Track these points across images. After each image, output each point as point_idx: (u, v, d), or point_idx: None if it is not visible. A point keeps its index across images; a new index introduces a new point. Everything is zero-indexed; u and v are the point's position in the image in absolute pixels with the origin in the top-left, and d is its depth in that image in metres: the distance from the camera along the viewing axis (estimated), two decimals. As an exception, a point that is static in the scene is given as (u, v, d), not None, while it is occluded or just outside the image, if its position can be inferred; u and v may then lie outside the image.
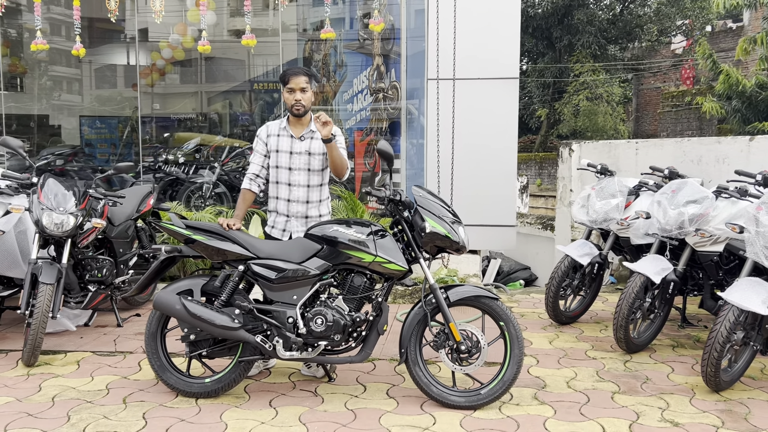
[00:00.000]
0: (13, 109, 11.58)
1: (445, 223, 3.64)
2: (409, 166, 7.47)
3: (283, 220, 4.05)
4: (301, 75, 3.86)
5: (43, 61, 11.29)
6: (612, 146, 7.93)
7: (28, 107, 11.58)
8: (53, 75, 11.81)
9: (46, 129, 11.60)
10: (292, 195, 4.00)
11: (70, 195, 4.51)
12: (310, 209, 4.03)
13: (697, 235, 4.38)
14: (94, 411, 3.60)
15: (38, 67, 11.31)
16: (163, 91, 11.94)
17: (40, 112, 11.72)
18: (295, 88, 3.87)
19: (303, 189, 4.00)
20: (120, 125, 11.36)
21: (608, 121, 26.05)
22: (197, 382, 3.79)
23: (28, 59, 10.95)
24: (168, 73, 11.52)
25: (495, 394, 3.62)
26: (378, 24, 6.63)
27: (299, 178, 3.98)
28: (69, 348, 4.69)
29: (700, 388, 3.95)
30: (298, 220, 4.02)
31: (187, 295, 3.72)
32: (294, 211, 4.01)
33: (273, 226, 4.09)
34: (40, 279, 4.25)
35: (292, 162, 3.98)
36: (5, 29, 10.46)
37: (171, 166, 9.15)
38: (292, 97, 3.88)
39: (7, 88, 11.61)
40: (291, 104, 3.89)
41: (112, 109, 11.78)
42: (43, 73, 11.51)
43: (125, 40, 11.76)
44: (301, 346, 3.64)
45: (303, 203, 4.01)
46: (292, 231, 4.02)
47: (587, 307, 5.46)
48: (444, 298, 3.64)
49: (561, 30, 27.03)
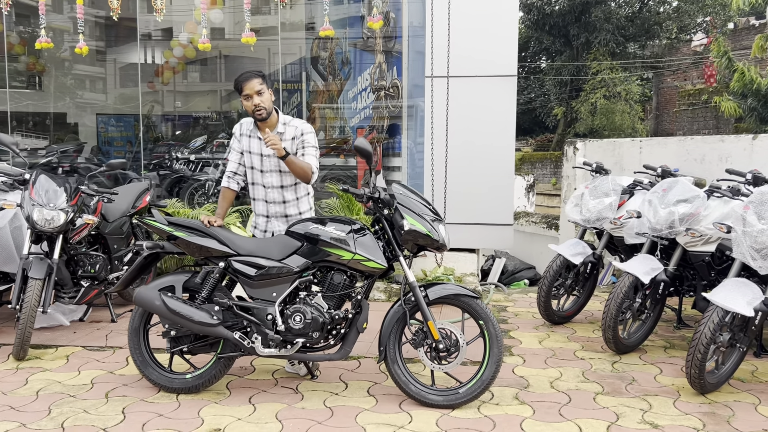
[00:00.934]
0: (30, 107, 11.77)
1: (424, 221, 3.62)
2: (410, 164, 7.46)
3: (264, 221, 4.06)
4: (253, 79, 3.77)
5: (66, 59, 11.44)
6: (616, 145, 7.85)
7: (46, 105, 11.74)
8: (71, 73, 11.94)
9: (63, 127, 11.74)
10: (268, 196, 3.99)
11: (61, 191, 4.56)
12: (288, 208, 4.02)
13: (688, 235, 4.32)
14: (76, 405, 3.64)
15: (56, 66, 11.44)
16: (184, 89, 12.06)
17: (57, 110, 11.86)
18: (251, 94, 3.77)
19: (277, 190, 3.98)
20: (135, 123, 11.48)
21: (626, 120, 25.85)
22: (178, 378, 3.81)
23: (47, 58, 11.09)
24: (181, 71, 11.63)
25: (473, 394, 3.59)
26: (377, 21, 6.61)
27: (272, 179, 3.96)
28: (61, 342, 4.75)
29: (685, 390, 3.89)
30: (278, 220, 4.02)
31: (169, 291, 3.75)
32: (273, 211, 4.01)
33: (255, 226, 4.11)
34: (29, 274, 4.31)
35: (264, 165, 3.95)
36: (23, 28, 10.61)
37: (176, 164, 9.23)
38: (251, 103, 3.78)
39: (27, 86, 11.80)
40: (252, 110, 3.80)
41: (128, 107, 11.90)
42: (60, 71, 11.65)
43: (142, 38, 11.88)
44: (279, 344, 3.64)
45: (280, 203, 4.00)
46: (274, 230, 4.02)
47: (581, 307, 5.41)
48: (423, 296, 3.62)
49: (578, 27, 26.85)
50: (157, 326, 3.87)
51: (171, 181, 9.08)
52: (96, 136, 11.21)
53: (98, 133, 11.33)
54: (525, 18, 28.78)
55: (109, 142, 11.21)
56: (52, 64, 11.30)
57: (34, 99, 11.73)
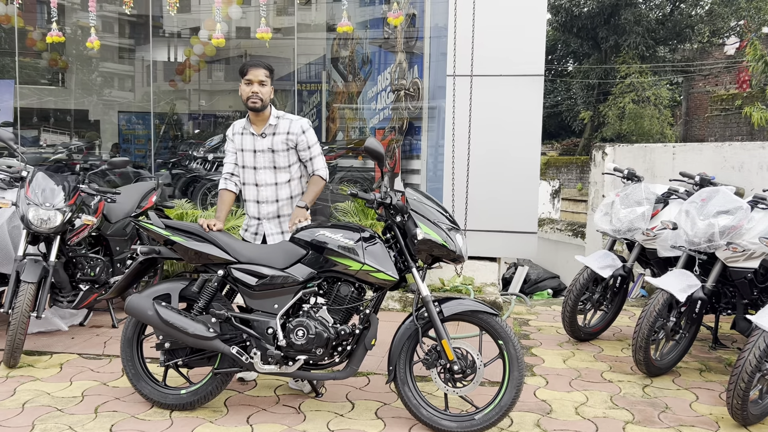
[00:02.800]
0: (51, 103, 11.68)
1: (440, 230, 3.31)
2: (431, 167, 7.14)
3: (255, 224, 3.86)
4: (261, 68, 3.65)
5: (94, 57, 11.33)
6: (647, 150, 7.47)
7: (68, 102, 11.65)
8: (94, 70, 11.84)
9: (84, 123, 11.64)
10: (260, 196, 3.80)
11: (59, 190, 4.33)
12: (281, 208, 3.82)
13: (729, 250, 3.94)
14: (61, 420, 3.39)
15: (79, 63, 11.33)
16: (209, 87, 11.91)
17: (79, 106, 11.77)
18: (254, 80, 3.65)
19: (271, 188, 3.79)
20: (157, 121, 11.34)
21: (654, 125, 25.24)
22: (173, 394, 3.55)
23: (69, 54, 10.99)
24: (202, 69, 11.47)
25: (490, 420, 3.27)
26: (397, 17, 6.32)
27: (265, 177, 3.78)
28: (57, 349, 4.52)
29: (725, 421, 3.53)
30: (270, 222, 3.83)
31: (165, 300, 3.49)
32: (264, 212, 3.82)
33: (246, 229, 3.92)
34: (22, 277, 4.08)
35: (257, 161, 3.77)
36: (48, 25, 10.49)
37: (191, 163, 9.03)
38: (249, 89, 3.64)
39: (51, 83, 11.74)
40: (247, 96, 3.65)
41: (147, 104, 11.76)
42: (83, 68, 11.54)
43: (166, 36, 11.76)
44: (280, 360, 3.36)
45: (273, 203, 3.81)
46: (266, 232, 3.82)
47: (609, 323, 5.05)
48: (437, 312, 3.31)
49: (607, 30, 26.29)
50: (152, 337, 3.61)
51: (185, 180, 8.87)
52: (117, 133, 11.07)
53: (119, 131, 11.20)
54: (553, 20, 28.27)
55: (128, 139, 11.07)
56: (77, 60, 11.18)
57: (57, 95, 11.65)
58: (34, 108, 11.34)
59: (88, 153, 9.21)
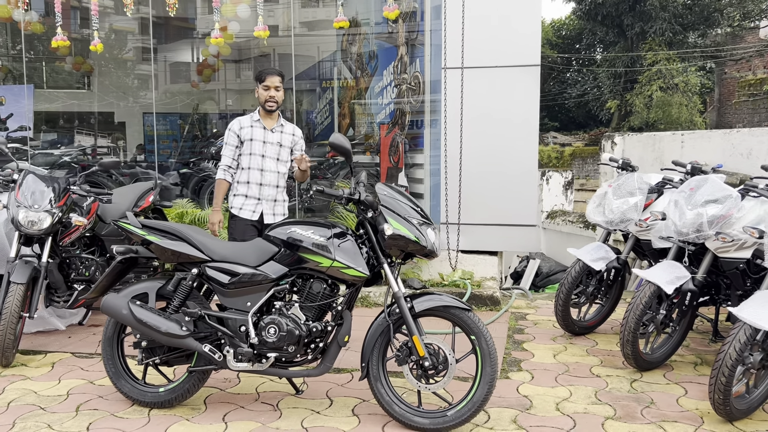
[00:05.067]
0: (75, 106, 11.92)
1: (411, 225, 3.28)
2: (433, 161, 7.08)
3: (254, 203, 4.28)
4: (276, 75, 4.24)
5: (121, 59, 11.52)
6: (656, 139, 7.31)
7: (92, 105, 11.86)
8: (119, 73, 12.02)
9: (110, 125, 11.83)
10: (264, 179, 4.27)
11: (48, 192, 4.39)
12: (278, 193, 4.34)
13: (718, 240, 3.83)
14: (42, 419, 3.45)
15: (103, 66, 11.52)
16: (237, 87, 12.01)
17: (103, 108, 11.96)
18: (271, 86, 4.24)
19: (274, 175, 4.30)
20: (181, 121, 11.49)
21: (683, 113, 24.71)
22: (151, 391, 3.58)
23: (94, 57, 11.16)
24: (220, 69, 11.55)
25: (463, 417, 3.23)
26: (392, 11, 6.27)
27: (270, 165, 4.29)
28: (52, 348, 4.60)
29: (711, 416, 3.44)
30: (267, 203, 4.30)
31: (142, 299, 3.52)
32: (266, 194, 4.29)
33: (241, 207, 4.28)
34: (11, 278, 4.16)
35: (265, 150, 4.28)
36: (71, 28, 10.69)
37: (202, 162, 9.11)
38: (267, 93, 4.24)
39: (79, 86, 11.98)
40: (265, 99, 4.24)
41: (174, 105, 11.92)
42: (107, 71, 11.73)
43: (191, 37, 11.89)
44: (252, 357, 3.36)
45: (273, 187, 4.31)
46: (263, 210, 4.28)
47: (606, 317, 4.95)
48: (409, 308, 3.28)
49: (632, 17, 25.79)
50: (132, 335, 3.65)
51: (197, 179, 8.96)
52: (143, 134, 11.22)
53: (144, 131, 11.34)
54: (577, 8, 27.88)
55: (153, 139, 11.21)
56: (103, 63, 11.35)
57: (82, 98, 11.88)
58: (60, 111, 11.59)
59: (97, 154, 9.34)
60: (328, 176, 8.66)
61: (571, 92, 33.72)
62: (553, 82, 34.85)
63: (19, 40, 10.30)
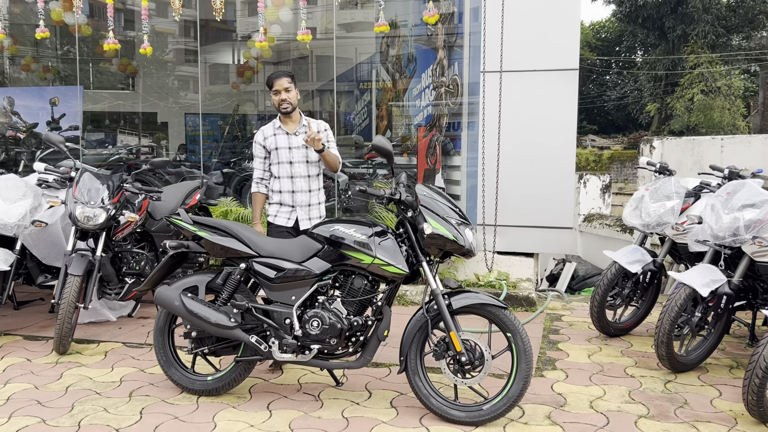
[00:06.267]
0: (120, 107, 12.31)
1: (449, 224, 3.40)
2: (470, 163, 7.18)
3: (288, 210, 4.24)
4: (283, 77, 4.16)
5: (163, 61, 11.85)
6: (696, 143, 7.29)
7: (136, 105, 12.23)
8: (161, 74, 12.36)
9: (153, 125, 12.17)
10: (295, 186, 4.22)
11: (103, 189, 4.63)
12: (312, 197, 4.27)
13: (755, 244, 3.86)
14: (98, 403, 3.66)
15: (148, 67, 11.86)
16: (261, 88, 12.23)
17: (147, 109, 12.32)
18: (280, 89, 4.16)
19: (304, 179, 4.23)
20: (221, 122, 11.78)
21: (725, 117, 24.28)
22: (199, 380, 3.77)
23: (138, 59, 11.51)
24: (260, 71, 11.80)
25: (498, 411, 3.34)
26: (432, 16, 6.38)
27: (300, 169, 4.22)
28: (104, 338, 4.83)
29: (744, 417, 3.48)
30: (302, 209, 4.24)
31: (192, 292, 3.71)
32: (299, 201, 4.23)
33: (276, 215, 4.26)
34: (69, 271, 4.40)
35: (292, 156, 4.21)
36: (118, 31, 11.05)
37: (243, 162, 9.35)
38: (278, 98, 4.17)
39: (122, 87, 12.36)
40: (278, 104, 4.18)
41: (216, 107, 12.20)
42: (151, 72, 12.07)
43: (230, 39, 12.18)
44: (296, 349, 3.52)
45: (306, 192, 4.24)
46: (298, 217, 4.23)
47: (641, 319, 4.99)
48: (447, 305, 3.41)
49: (674, 19, 25.43)
50: (181, 326, 3.84)
51: (239, 179, 9.21)
52: (184, 134, 11.54)
53: (186, 131, 11.66)
54: (617, 11, 27.59)
55: (194, 139, 11.51)
56: (145, 64, 11.69)
57: (126, 99, 12.25)
58: (106, 111, 11.98)
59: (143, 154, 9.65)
60: (366, 178, 8.81)
61: (610, 95, 33.38)
62: (592, 85, 34.53)
63: (64, 42, 10.70)
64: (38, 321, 5.24)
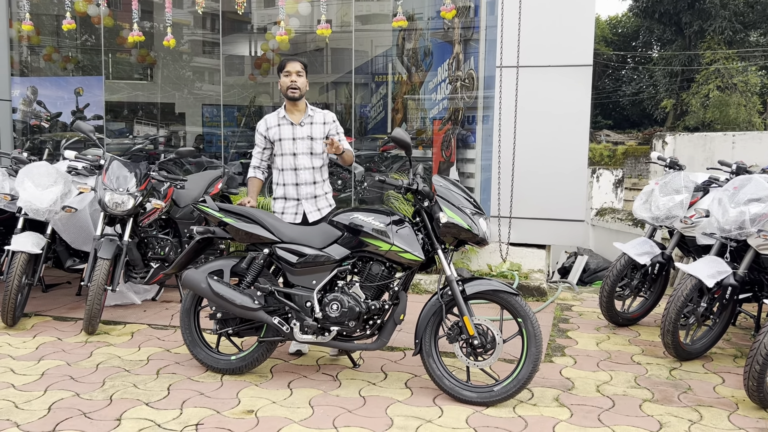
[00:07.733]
0: (140, 97, 12.52)
1: (464, 214, 3.56)
2: (484, 157, 7.32)
3: (294, 204, 4.21)
4: (296, 61, 4.11)
5: (181, 52, 12.04)
6: (707, 139, 7.39)
7: (155, 96, 12.43)
8: (179, 65, 12.54)
9: (170, 116, 12.36)
10: (299, 179, 4.18)
11: (131, 177, 4.82)
12: (317, 189, 4.23)
13: (760, 237, 3.99)
14: (128, 379, 3.85)
15: (166, 58, 12.04)
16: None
17: (165, 100, 12.52)
18: (291, 71, 4.10)
19: (309, 171, 4.19)
20: (238, 114, 11.96)
21: (741, 113, 24.18)
22: (224, 359, 3.96)
23: (159, 50, 11.70)
24: (276, 63, 11.93)
25: (508, 392, 3.51)
26: (449, 11, 6.53)
27: (304, 161, 4.18)
28: (130, 320, 5.04)
29: (745, 403, 3.62)
30: (308, 201, 4.21)
31: (217, 275, 3.89)
32: (304, 193, 4.20)
33: (283, 212, 4.23)
34: (98, 254, 4.60)
35: (296, 147, 4.18)
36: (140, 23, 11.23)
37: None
38: (288, 79, 4.10)
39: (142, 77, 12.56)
40: (287, 86, 4.10)
41: (232, 98, 12.37)
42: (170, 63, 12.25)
43: (246, 31, 12.33)
44: (316, 330, 3.70)
45: (311, 184, 4.20)
46: (305, 210, 4.20)
47: (649, 310, 5.13)
48: (460, 290, 3.57)
49: (691, 15, 25.33)
50: (207, 308, 4.02)
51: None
52: (201, 124, 11.73)
53: (203, 122, 11.84)
54: (633, 6, 27.48)
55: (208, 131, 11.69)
56: (167, 55, 11.86)
57: (144, 89, 12.46)
58: (124, 102, 12.19)
59: (166, 144, 9.85)
60: (382, 169, 8.96)
61: (625, 90, 33.27)
62: (608, 80, 34.42)
63: (84, 32, 10.90)
64: (66, 303, 5.45)
